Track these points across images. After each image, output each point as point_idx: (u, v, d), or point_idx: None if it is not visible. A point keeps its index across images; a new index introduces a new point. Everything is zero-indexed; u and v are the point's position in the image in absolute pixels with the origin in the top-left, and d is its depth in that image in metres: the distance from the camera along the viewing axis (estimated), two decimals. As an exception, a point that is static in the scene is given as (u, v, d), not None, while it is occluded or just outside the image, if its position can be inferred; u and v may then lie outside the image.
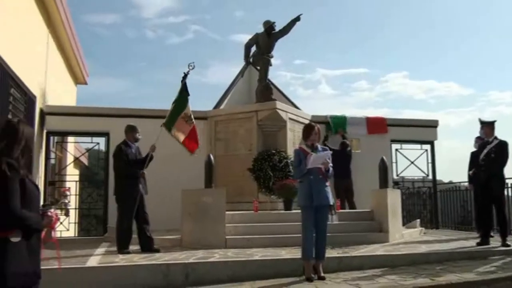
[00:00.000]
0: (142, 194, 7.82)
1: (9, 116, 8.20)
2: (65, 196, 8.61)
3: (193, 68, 8.28)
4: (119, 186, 7.82)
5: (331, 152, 6.24)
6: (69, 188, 9.97)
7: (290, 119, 11.52)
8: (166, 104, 8.58)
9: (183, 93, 8.34)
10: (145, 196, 7.88)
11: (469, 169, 9.71)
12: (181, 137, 8.40)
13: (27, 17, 9.74)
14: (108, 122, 11.16)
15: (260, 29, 12.27)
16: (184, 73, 8.30)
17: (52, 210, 3.20)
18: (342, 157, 11.50)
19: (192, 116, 8.44)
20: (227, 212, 8.42)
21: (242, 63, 12.94)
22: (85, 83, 16.68)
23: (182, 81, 8.34)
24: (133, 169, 7.72)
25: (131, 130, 8.03)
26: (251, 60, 12.57)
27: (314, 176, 6.04)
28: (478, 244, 8.29)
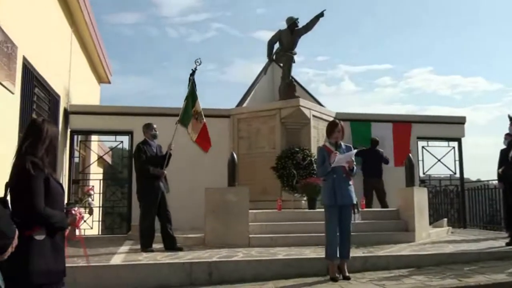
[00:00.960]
0: (163, 192, 7.87)
1: (34, 116, 8.33)
2: (89, 194, 8.70)
3: (199, 64, 8.38)
4: (141, 185, 7.91)
5: (355, 151, 6.20)
6: (93, 186, 10.08)
7: (314, 116, 11.48)
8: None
9: (193, 90, 8.45)
10: (166, 195, 7.94)
11: (499, 167, 9.53)
12: (194, 136, 8.46)
13: (50, 16, 9.89)
14: (131, 121, 11.25)
15: (283, 25, 12.26)
16: (191, 69, 8.43)
17: (76, 208, 3.24)
18: (372, 156, 11.40)
19: (202, 113, 8.50)
20: (250, 211, 8.43)
21: (264, 60, 12.94)
22: (109, 82, 16.84)
23: (190, 77, 8.44)
24: (152, 168, 7.77)
25: (146, 128, 8.14)
26: (274, 57, 12.55)
27: (337, 174, 6.02)
28: (508, 244, 8.13)
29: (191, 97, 8.46)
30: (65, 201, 3.32)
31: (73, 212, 3.15)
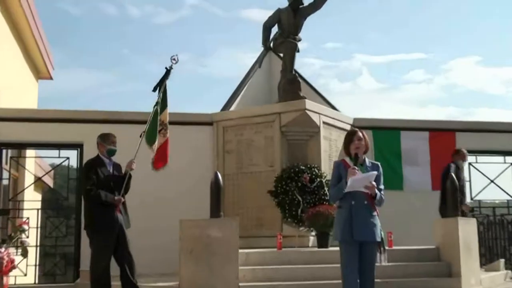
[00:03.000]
0: (122, 226, 7.80)
1: None
2: (23, 230, 8.60)
3: (176, 62, 8.57)
4: (91, 217, 7.83)
5: (375, 172, 6.06)
6: (28, 219, 9.98)
7: (325, 123, 11.48)
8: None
9: (165, 96, 8.66)
10: (126, 230, 7.86)
11: None
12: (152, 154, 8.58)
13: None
14: (81, 130, 11.20)
15: (283, 3, 12.29)
16: (166, 68, 8.57)
17: (2, 249, 3.14)
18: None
19: (167, 125, 8.69)
20: (240, 250, 8.35)
21: (258, 49, 12.96)
22: (50, 78, 16.78)
23: (163, 79, 8.64)
24: (105, 193, 7.70)
25: (103, 140, 8.05)
26: (271, 44, 12.57)
27: (357, 201, 5.94)
28: None
29: (162, 104, 8.62)
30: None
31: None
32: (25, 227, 8.71)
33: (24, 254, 9.08)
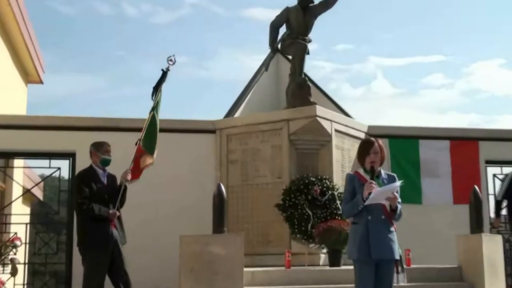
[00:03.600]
0: (117, 242, 7.80)
1: None
2: (14, 246, 8.58)
3: (173, 64, 8.69)
4: (83, 232, 7.85)
5: (400, 182, 6.04)
6: (15, 234, 9.96)
7: (337, 131, 11.48)
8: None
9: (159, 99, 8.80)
10: (122, 246, 7.85)
11: None
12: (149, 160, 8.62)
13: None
14: (73, 138, 11.21)
15: (291, 1, 12.31)
16: (162, 70, 8.67)
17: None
18: None
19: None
20: (246, 269, 8.33)
21: (265, 51, 12.94)
22: (40, 82, 16.79)
23: (159, 82, 8.75)
24: (99, 207, 7.69)
25: (96, 149, 8.08)
26: (279, 46, 12.59)
27: (373, 216, 5.92)
28: None
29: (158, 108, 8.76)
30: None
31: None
32: (18, 243, 8.62)
33: (14, 272, 9.06)
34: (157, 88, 8.79)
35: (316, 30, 12.35)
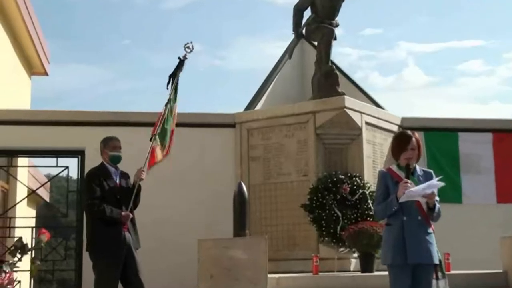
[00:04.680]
0: (130, 246, 7.83)
1: None
2: (38, 242, 8.29)
3: (191, 51, 8.65)
4: (93, 236, 7.89)
5: (437, 180, 6.02)
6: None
7: (368, 124, 11.52)
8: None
9: (176, 89, 8.76)
10: (135, 251, 7.92)
11: None
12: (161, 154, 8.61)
13: None
14: (82, 134, 11.30)
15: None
16: (179, 58, 8.64)
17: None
18: None
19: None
20: (270, 275, 8.37)
21: (287, 37, 12.96)
22: (45, 73, 16.86)
23: (175, 71, 8.73)
24: (110, 208, 7.72)
25: (104, 145, 8.06)
26: (303, 31, 12.61)
27: (409, 216, 5.89)
28: None
29: (174, 101, 8.76)
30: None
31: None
32: (43, 237, 8.35)
33: (33, 272, 9.15)
34: (173, 77, 8.82)
35: (341, 13, 12.34)
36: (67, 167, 11.90)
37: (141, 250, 8.07)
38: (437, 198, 5.90)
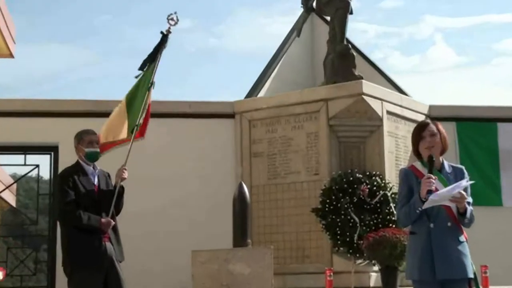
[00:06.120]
0: (112, 259, 7.80)
1: None
2: None
3: (175, 24, 8.60)
4: (68, 247, 7.75)
5: (467, 181, 6.00)
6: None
7: (390, 113, 11.52)
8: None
9: (152, 67, 8.66)
10: (118, 264, 7.86)
11: None
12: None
13: None
14: (56, 127, 11.33)
15: None
16: (161, 32, 8.58)
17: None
18: None
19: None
20: (275, 292, 8.41)
21: (295, 11, 12.96)
22: (10, 56, 16.89)
23: (157, 48, 8.65)
24: (88, 215, 7.71)
25: (79, 141, 7.93)
26: (313, 4, 12.64)
27: (437, 222, 5.82)
28: None
29: (147, 77, 8.62)
30: None
31: None
32: None
33: None
34: (153, 56, 8.76)
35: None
36: (37, 166, 11.96)
37: (127, 264, 7.94)
38: (469, 199, 5.80)
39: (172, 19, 8.59)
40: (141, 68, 8.68)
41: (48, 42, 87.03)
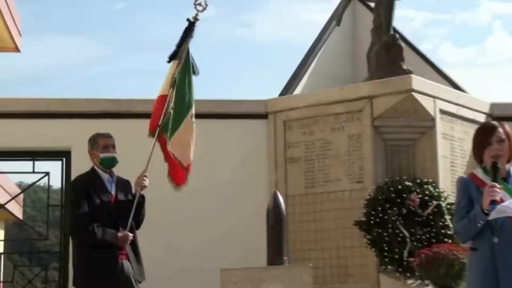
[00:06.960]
0: (129, 278, 7.72)
1: None
2: None
3: (204, 10, 8.55)
4: (80, 265, 7.73)
5: None
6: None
7: (444, 112, 11.40)
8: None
9: (188, 64, 8.62)
10: (137, 285, 7.76)
11: None
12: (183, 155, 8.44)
13: None
14: (68, 130, 11.31)
15: None
16: (188, 20, 8.52)
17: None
18: None
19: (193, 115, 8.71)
20: (316, 316, 8.29)
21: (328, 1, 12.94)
22: (16, 50, 16.98)
23: (183, 37, 8.59)
24: (102, 230, 7.61)
25: (93, 145, 7.86)
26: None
27: (502, 237, 5.71)
28: None
29: (186, 78, 8.58)
30: None
31: None
32: None
33: None
34: (180, 46, 8.66)
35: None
36: (47, 174, 11.94)
37: (148, 284, 7.95)
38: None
39: (199, 4, 8.56)
40: (169, 60, 8.65)
41: (57, 34, 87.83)
